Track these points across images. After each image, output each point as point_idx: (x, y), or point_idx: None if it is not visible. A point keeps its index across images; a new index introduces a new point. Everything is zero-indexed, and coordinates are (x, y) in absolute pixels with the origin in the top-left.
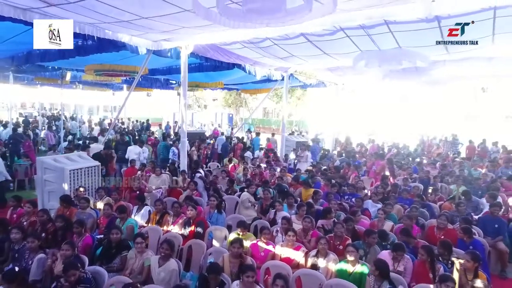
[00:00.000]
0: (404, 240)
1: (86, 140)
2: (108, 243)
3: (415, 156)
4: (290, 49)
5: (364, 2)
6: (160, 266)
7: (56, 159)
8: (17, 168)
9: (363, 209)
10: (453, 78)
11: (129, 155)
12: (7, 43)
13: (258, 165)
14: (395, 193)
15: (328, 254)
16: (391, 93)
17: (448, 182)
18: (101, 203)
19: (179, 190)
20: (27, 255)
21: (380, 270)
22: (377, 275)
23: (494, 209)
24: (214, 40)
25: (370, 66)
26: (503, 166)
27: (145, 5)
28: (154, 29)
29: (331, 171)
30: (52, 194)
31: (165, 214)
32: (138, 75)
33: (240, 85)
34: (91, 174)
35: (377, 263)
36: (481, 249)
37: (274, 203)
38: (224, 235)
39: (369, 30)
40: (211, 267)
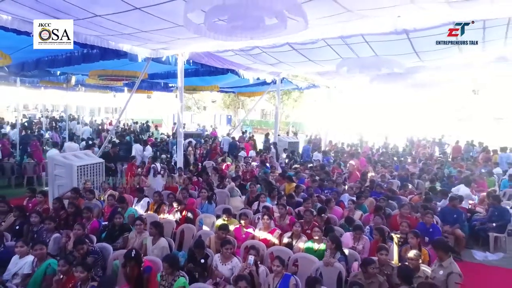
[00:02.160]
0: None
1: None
2: (112, 227)
3: (401, 156)
4: (278, 56)
5: (336, 18)
6: (153, 244)
7: (65, 156)
8: (26, 166)
9: (338, 201)
10: (440, 81)
11: (134, 153)
12: (21, 52)
13: (249, 163)
14: (371, 188)
15: (301, 236)
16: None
17: (425, 179)
18: (105, 195)
19: (175, 186)
20: (44, 235)
21: (335, 244)
22: (333, 248)
23: (453, 202)
24: (207, 48)
25: (351, 72)
26: (482, 165)
27: (145, 21)
28: (153, 40)
29: (317, 169)
30: (61, 188)
31: (162, 204)
32: (138, 80)
33: (235, 88)
34: (96, 170)
35: (332, 238)
36: (438, 232)
37: (258, 198)
38: (212, 221)
39: (346, 40)
40: (196, 242)
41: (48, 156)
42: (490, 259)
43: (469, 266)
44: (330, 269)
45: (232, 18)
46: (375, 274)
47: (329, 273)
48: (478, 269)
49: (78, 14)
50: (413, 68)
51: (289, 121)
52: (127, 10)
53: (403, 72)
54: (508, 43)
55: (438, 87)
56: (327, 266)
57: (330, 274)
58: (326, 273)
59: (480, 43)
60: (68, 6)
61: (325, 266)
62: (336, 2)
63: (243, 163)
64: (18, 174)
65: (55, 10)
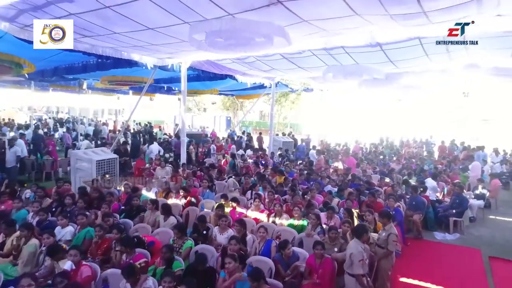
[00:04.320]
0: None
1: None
2: (130, 208)
3: (387, 153)
4: (271, 64)
5: (317, 35)
6: (164, 221)
7: (86, 152)
8: (45, 162)
9: (320, 190)
10: (428, 83)
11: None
12: (44, 61)
13: (246, 160)
14: (352, 180)
15: (282, 215)
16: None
17: (404, 174)
18: (121, 185)
19: (180, 178)
20: (76, 213)
21: (317, 219)
22: (314, 223)
23: (413, 192)
24: (207, 57)
25: (336, 77)
26: (461, 162)
27: (156, 38)
28: (160, 51)
29: (305, 164)
30: (82, 180)
31: (169, 192)
32: (146, 85)
33: (234, 91)
34: (111, 164)
35: (316, 216)
36: (400, 215)
37: (253, 187)
38: (212, 206)
39: (329, 51)
40: (199, 217)
41: (71, 152)
42: (448, 239)
43: (430, 244)
44: (311, 240)
45: (227, 38)
46: (336, 237)
47: (309, 243)
48: (437, 246)
49: (99, 32)
50: (397, 74)
51: (287, 122)
52: (141, 29)
53: (385, 78)
54: (469, 53)
55: (427, 88)
56: (308, 237)
57: (310, 244)
58: (307, 243)
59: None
60: (92, 26)
61: (306, 237)
62: (312, 24)
63: (240, 160)
64: (37, 169)
65: (82, 29)
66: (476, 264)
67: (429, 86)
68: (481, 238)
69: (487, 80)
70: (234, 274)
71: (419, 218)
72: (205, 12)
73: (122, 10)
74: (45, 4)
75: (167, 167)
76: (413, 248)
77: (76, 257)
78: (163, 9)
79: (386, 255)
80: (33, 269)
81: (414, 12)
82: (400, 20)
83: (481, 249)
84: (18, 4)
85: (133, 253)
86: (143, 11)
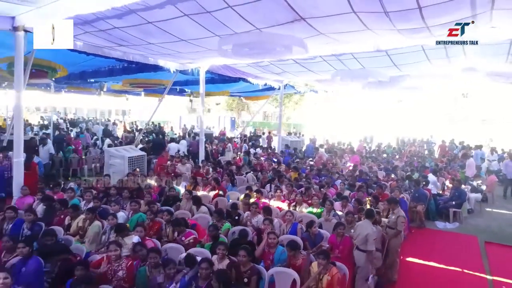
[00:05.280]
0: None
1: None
2: (166, 198)
3: (390, 152)
4: (283, 67)
5: (330, 44)
6: (197, 210)
7: (118, 149)
8: (72, 160)
9: (332, 184)
10: (429, 84)
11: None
12: (75, 66)
13: (259, 158)
14: (360, 176)
15: (302, 204)
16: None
17: (407, 171)
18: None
19: (201, 173)
20: (121, 202)
21: (331, 205)
22: (328, 209)
23: (416, 185)
24: (225, 62)
25: (344, 80)
26: (460, 160)
27: (187, 47)
28: (184, 58)
29: (315, 162)
30: (114, 175)
31: (196, 185)
32: (167, 87)
33: (244, 93)
34: (139, 160)
35: (330, 202)
36: (404, 204)
37: (270, 181)
38: (237, 197)
39: (339, 57)
40: (232, 205)
41: (105, 149)
42: (448, 227)
43: (432, 232)
44: (329, 223)
45: (252, 48)
46: (353, 221)
47: (328, 225)
48: (438, 233)
49: (135, 42)
50: (399, 76)
51: (290, 123)
52: (175, 41)
53: (389, 80)
54: (467, 58)
55: (428, 89)
56: (326, 221)
57: (329, 226)
58: (325, 226)
59: (445, 58)
60: (130, 37)
61: (325, 221)
62: (328, 36)
63: (254, 158)
64: (65, 167)
65: (120, 39)
66: (473, 248)
67: (430, 87)
68: (478, 227)
69: (485, 82)
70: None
71: (422, 208)
72: (235, 26)
73: (163, 25)
74: (94, 20)
75: (187, 164)
76: (417, 235)
77: (141, 233)
78: (199, 24)
79: (396, 234)
80: (98, 246)
81: (418, 27)
82: (406, 34)
83: (478, 236)
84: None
85: (184, 231)
86: (181, 26)
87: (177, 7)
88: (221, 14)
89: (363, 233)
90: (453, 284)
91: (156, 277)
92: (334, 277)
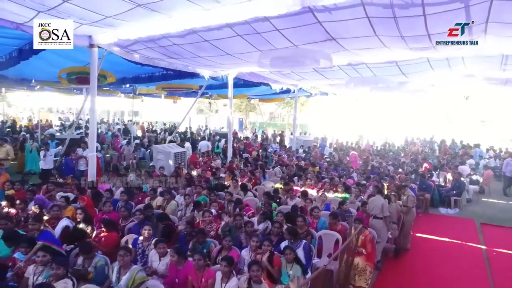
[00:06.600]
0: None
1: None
2: (216, 185)
3: (395, 151)
4: (302, 75)
5: (350, 57)
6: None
7: (163, 146)
8: (112, 156)
9: (349, 176)
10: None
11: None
12: (122, 73)
13: (280, 155)
14: (372, 169)
15: (329, 190)
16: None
17: (413, 167)
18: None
19: (234, 167)
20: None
21: (359, 192)
22: (357, 194)
23: (422, 177)
24: (252, 70)
25: (357, 86)
26: (460, 158)
27: (230, 59)
28: (219, 66)
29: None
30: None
31: (235, 176)
32: (200, 91)
33: (261, 96)
34: (182, 156)
35: (360, 189)
36: (414, 192)
37: (295, 175)
38: (271, 185)
39: (354, 66)
40: (274, 190)
41: (153, 146)
42: (450, 213)
43: (436, 216)
44: (353, 204)
45: (286, 61)
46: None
47: (352, 206)
48: (441, 217)
49: (186, 55)
50: (404, 82)
51: (296, 123)
52: (222, 55)
53: (395, 85)
54: (466, 66)
55: (430, 92)
56: (351, 203)
57: (353, 206)
58: (350, 206)
59: (447, 67)
60: (184, 52)
61: (350, 203)
62: (351, 51)
63: (273, 155)
64: (105, 162)
65: (174, 53)
66: (471, 229)
67: (434, 90)
68: (475, 213)
69: (484, 86)
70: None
71: (428, 196)
72: (277, 43)
73: (216, 42)
74: (159, 38)
75: (217, 160)
76: (423, 218)
77: (216, 207)
78: (247, 42)
79: (408, 210)
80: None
81: (426, 46)
82: (416, 51)
83: (475, 219)
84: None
85: (244, 207)
86: (232, 43)
87: (233, 29)
88: (268, 34)
89: (379, 204)
90: (455, 252)
91: (239, 234)
92: (367, 237)
